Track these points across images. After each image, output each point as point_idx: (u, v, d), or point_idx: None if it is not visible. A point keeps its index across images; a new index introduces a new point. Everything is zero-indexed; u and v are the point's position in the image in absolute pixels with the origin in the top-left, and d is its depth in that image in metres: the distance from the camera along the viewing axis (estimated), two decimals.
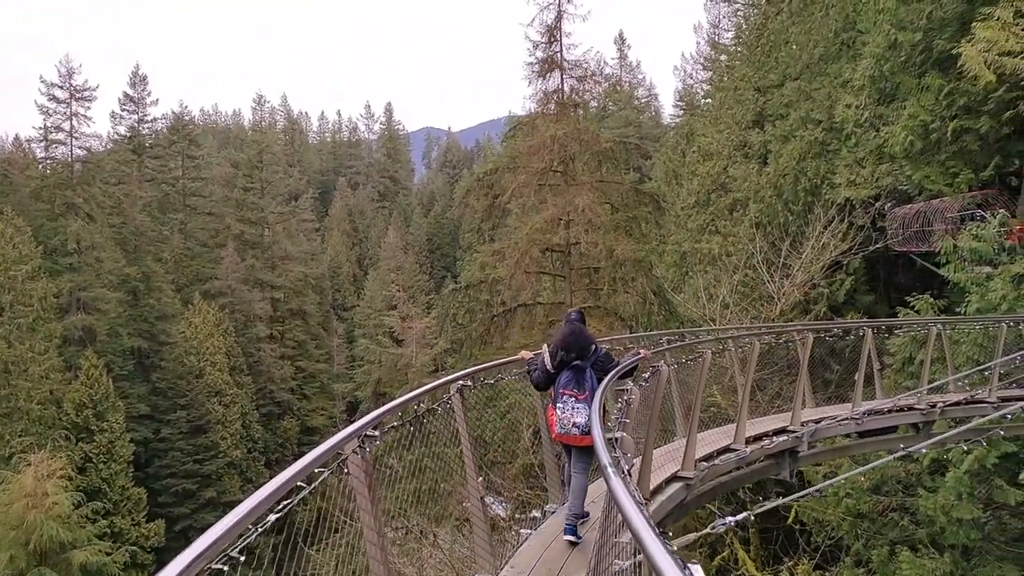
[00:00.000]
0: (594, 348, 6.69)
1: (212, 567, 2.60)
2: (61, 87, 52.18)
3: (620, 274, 22.01)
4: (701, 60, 62.85)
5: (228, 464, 50.09)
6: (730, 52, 48.35)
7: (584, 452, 6.43)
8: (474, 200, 25.40)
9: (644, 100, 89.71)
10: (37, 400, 36.98)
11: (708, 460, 7.70)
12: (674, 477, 7.21)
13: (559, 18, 23.45)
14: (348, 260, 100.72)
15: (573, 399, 6.43)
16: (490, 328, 23.28)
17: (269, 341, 64.61)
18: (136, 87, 69.48)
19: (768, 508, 7.93)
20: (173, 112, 77.12)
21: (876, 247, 24.63)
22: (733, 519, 3.96)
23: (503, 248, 23.42)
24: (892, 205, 25.07)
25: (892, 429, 11.06)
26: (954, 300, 19.57)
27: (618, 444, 3.76)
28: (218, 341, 53.57)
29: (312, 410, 67.28)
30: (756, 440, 8.67)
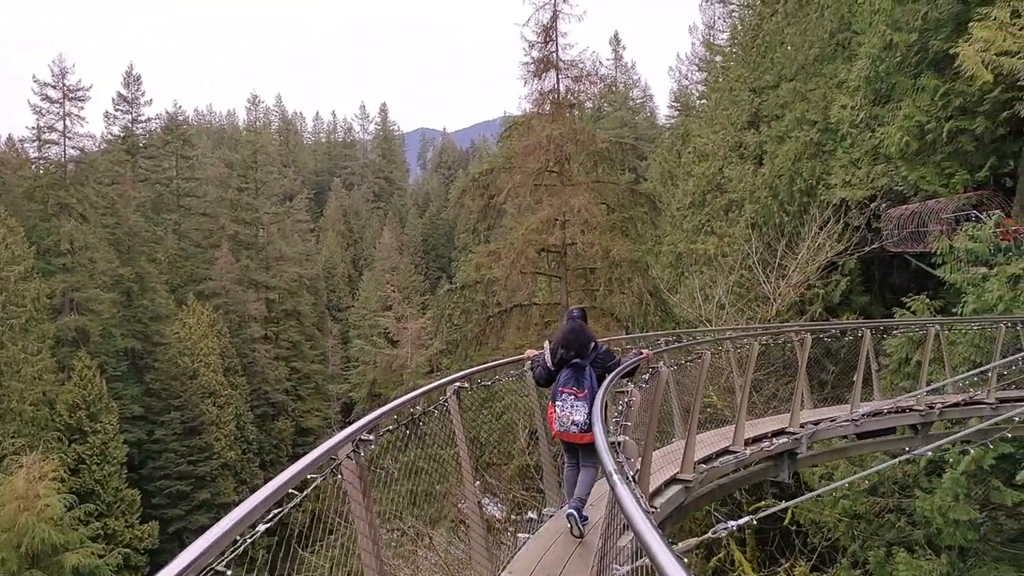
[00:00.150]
0: (594, 346, 6.72)
1: None
2: (54, 87, 51.96)
3: (616, 275, 21.95)
4: (696, 61, 62.90)
5: (222, 465, 49.89)
6: (725, 53, 48.36)
7: (588, 450, 6.44)
8: (469, 200, 25.31)
9: (639, 101, 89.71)
10: (30, 401, 36.77)
11: (707, 462, 7.63)
12: (673, 479, 7.15)
13: (555, 18, 23.39)
14: (343, 261, 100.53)
15: (572, 396, 6.47)
16: (486, 329, 23.20)
17: (264, 342, 64.38)
18: (130, 87, 69.19)
19: (767, 511, 7.85)
20: (167, 112, 76.88)
21: (872, 248, 24.63)
22: (735, 524, 3.89)
23: (499, 248, 23.33)
24: (887, 206, 25.07)
25: (890, 430, 11.02)
26: (950, 301, 19.55)
27: (621, 448, 3.68)
28: (212, 342, 53.36)
29: (307, 411, 67.10)
30: (755, 442, 8.60)
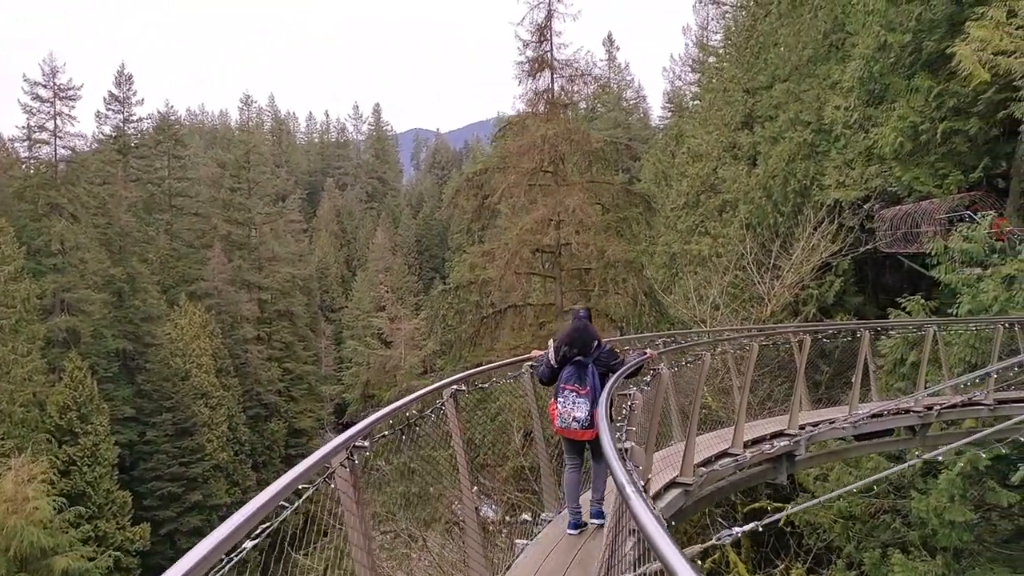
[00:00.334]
0: (597, 344, 6.86)
1: None
2: (45, 86, 51.49)
3: (611, 275, 21.88)
4: (690, 62, 62.92)
5: (214, 467, 49.60)
6: (719, 54, 48.41)
7: (596, 446, 6.56)
8: (463, 200, 25.21)
9: (633, 102, 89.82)
10: (20, 403, 36.43)
11: (706, 465, 7.55)
12: (673, 483, 7.06)
13: (549, 17, 23.32)
14: (336, 261, 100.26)
15: (574, 394, 6.62)
16: (480, 329, 23.10)
17: (256, 343, 64.06)
18: (121, 86, 68.77)
19: (765, 514, 7.79)
20: (159, 112, 76.46)
21: (866, 248, 24.65)
22: (739, 530, 3.80)
23: (493, 249, 23.23)
24: (881, 206, 25.10)
25: (888, 432, 10.97)
26: (944, 302, 19.56)
27: (629, 456, 3.59)
28: (204, 343, 53.07)
29: (300, 412, 66.78)
30: (754, 444, 8.54)
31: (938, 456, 8.85)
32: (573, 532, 6.66)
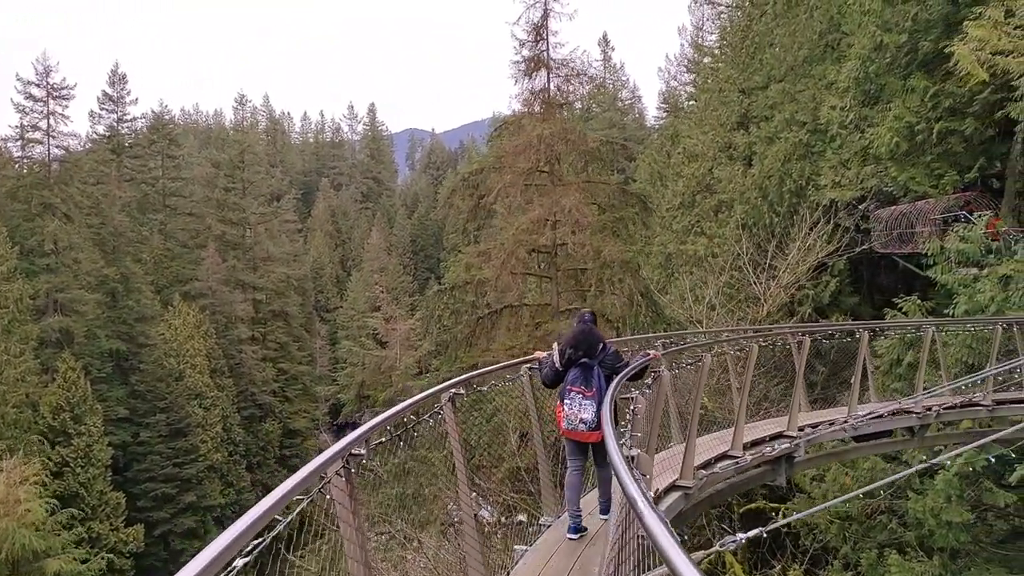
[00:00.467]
0: (602, 347, 6.91)
1: None
2: (38, 85, 51.26)
3: (607, 275, 21.81)
4: (685, 62, 62.95)
5: (209, 468, 49.42)
6: (714, 54, 48.42)
7: (601, 449, 6.59)
8: (459, 200, 25.12)
9: (628, 102, 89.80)
10: (12, 404, 36.21)
11: (706, 468, 7.48)
12: (673, 486, 6.98)
13: (546, 16, 23.25)
14: (331, 261, 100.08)
15: (580, 396, 6.67)
16: (475, 330, 23.01)
17: (251, 343, 63.86)
18: (115, 86, 68.45)
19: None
20: (153, 111, 76.32)
21: (862, 248, 24.65)
22: (744, 536, 3.74)
23: (489, 249, 23.14)
24: (876, 206, 25.11)
25: (887, 433, 10.93)
26: (940, 302, 19.55)
27: (635, 464, 3.51)
28: (198, 343, 52.89)
29: (294, 412, 66.60)
30: (753, 446, 8.48)
31: (946, 460, 8.80)
32: (573, 537, 6.59)
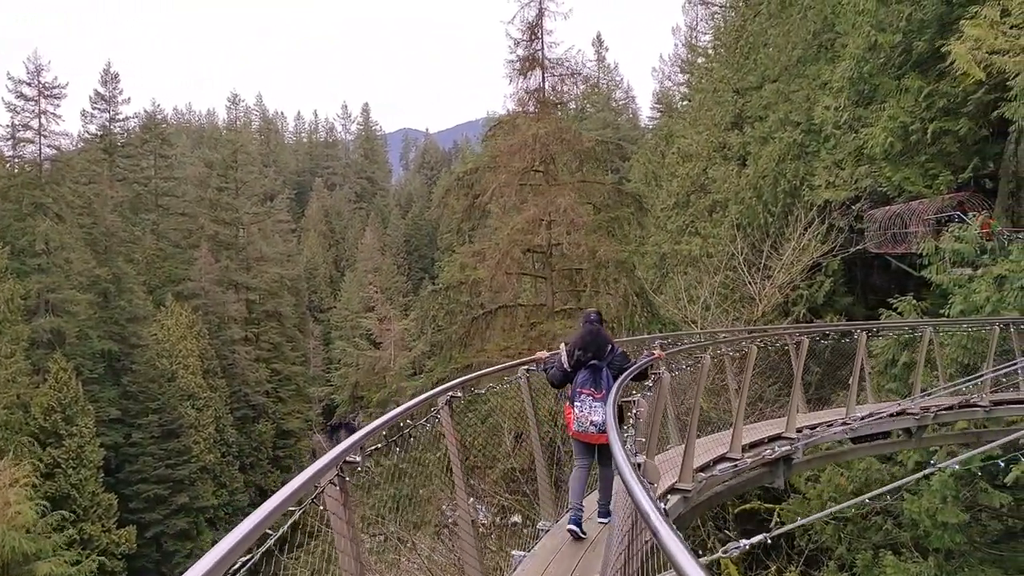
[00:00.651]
0: (611, 348, 6.92)
1: None
2: (29, 84, 50.96)
3: (602, 275, 21.75)
4: (679, 63, 63.01)
5: (201, 469, 49.20)
6: (708, 55, 48.43)
7: (606, 451, 6.56)
8: (454, 200, 25.03)
9: (622, 102, 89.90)
10: (3, 405, 35.94)
11: (705, 470, 7.43)
12: (672, 489, 6.92)
13: (540, 15, 23.17)
14: (324, 261, 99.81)
15: (591, 398, 6.67)
16: (470, 330, 22.90)
17: (244, 343, 63.60)
18: (107, 85, 68.11)
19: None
20: (145, 111, 75.84)
21: (856, 248, 24.67)
22: (748, 542, 3.67)
23: (483, 249, 23.04)
24: (870, 207, 25.13)
25: (884, 434, 10.90)
26: (934, 302, 19.56)
27: (642, 472, 3.44)
28: (191, 343, 52.63)
29: (288, 413, 66.37)
30: (752, 448, 8.42)
31: (954, 464, 8.77)
32: (573, 528, 6.60)
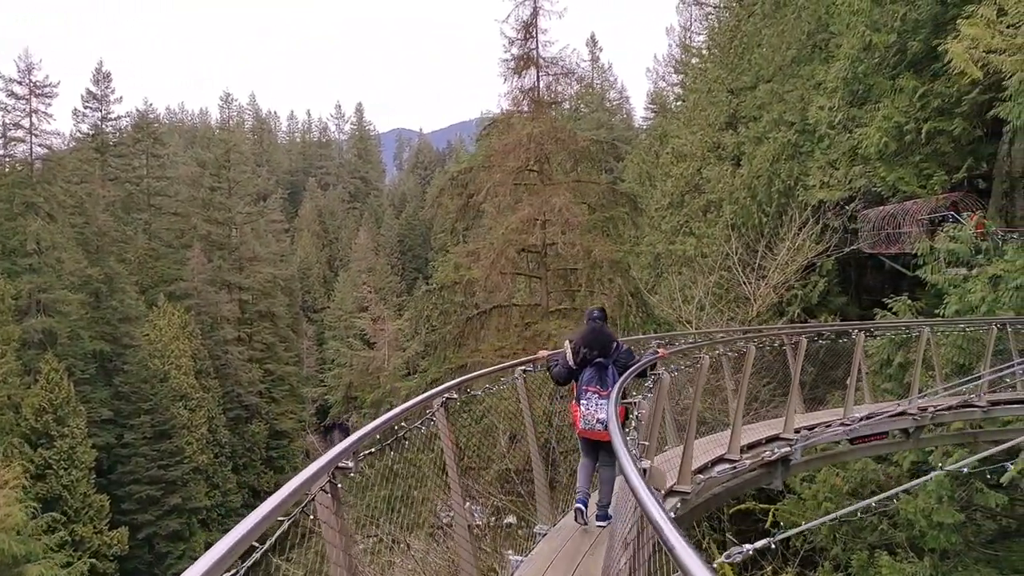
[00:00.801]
0: (616, 345, 6.93)
1: None
2: (20, 83, 50.56)
3: (597, 275, 21.68)
4: (673, 63, 63.03)
5: (194, 469, 48.96)
6: (702, 55, 48.46)
7: (609, 448, 6.58)
8: (448, 199, 24.93)
9: (616, 103, 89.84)
10: None
11: (703, 472, 7.36)
12: (670, 491, 6.86)
13: (535, 14, 23.09)
14: (318, 261, 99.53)
15: (596, 395, 6.70)
16: (464, 330, 22.80)
17: (237, 344, 63.32)
18: (99, 84, 67.74)
19: (787, 533, 7.65)
20: (137, 110, 75.53)
21: (851, 248, 24.69)
22: (750, 547, 3.60)
23: (478, 249, 22.94)
24: (864, 207, 25.15)
25: (881, 434, 10.85)
26: (928, 302, 19.57)
27: (648, 478, 3.35)
28: (184, 344, 52.38)
29: (281, 414, 66.14)
30: (750, 449, 8.37)
31: (963, 467, 8.73)
32: (580, 507, 6.76)
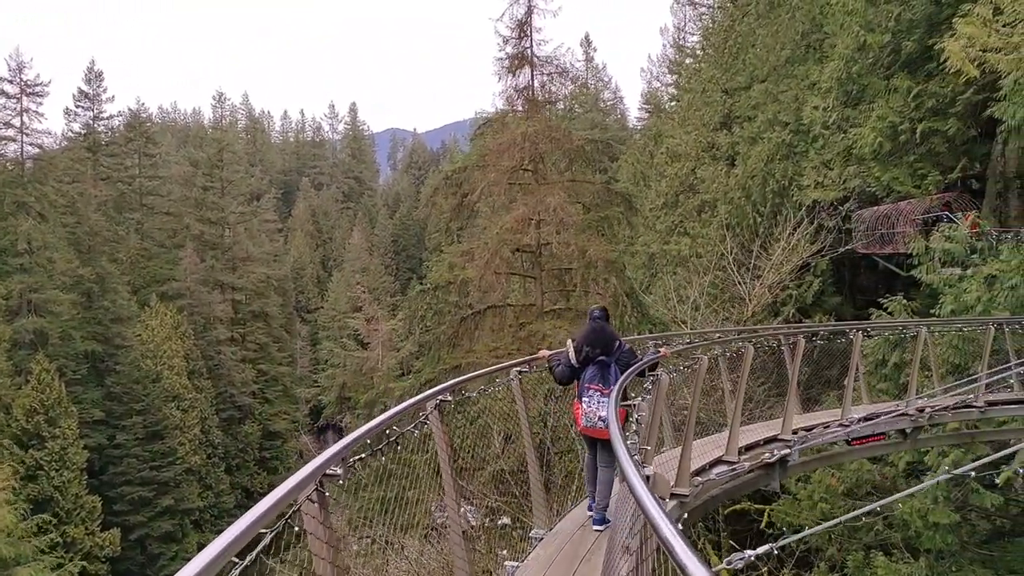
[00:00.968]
0: (618, 344, 7.01)
1: None
2: (11, 82, 50.24)
3: (592, 275, 21.59)
4: (667, 63, 63.04)
5: (187, 471, 48.73)
6: (696, 55, 48.48)
7: (607, 447, 6.65)
8: (442, 199, 24.80)
9: (610, 103, 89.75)
10: None
11: (701, 474, 7.29)
12: (669, 494, 6.79)
13: (529, 12, 22.99)
14: (312, 261, 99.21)
15: (599, 394, 6.77)
16: (459, 330, 22.68)
17: (230, 344, 63.07)
18: (91, 83, 67.30)
19: (790, 539, 7.57)
20: (130, 109, 75.09)
21: (846, 248, 24.70)
22: (752, 553, 3.53)
23: (472, 248, 22.82)
24: (858, 207, 25.17)
25: (879, 435, 10.80)
26: (922, 302, 19.56)
27: (651, 485, 3.26)
28: (176, 344, 52.13)
29: (274, 414, 65.89)
30: (748, 450, 8.31)
31: (973, 468, 8.68)
32: (591, 513, 6.87)
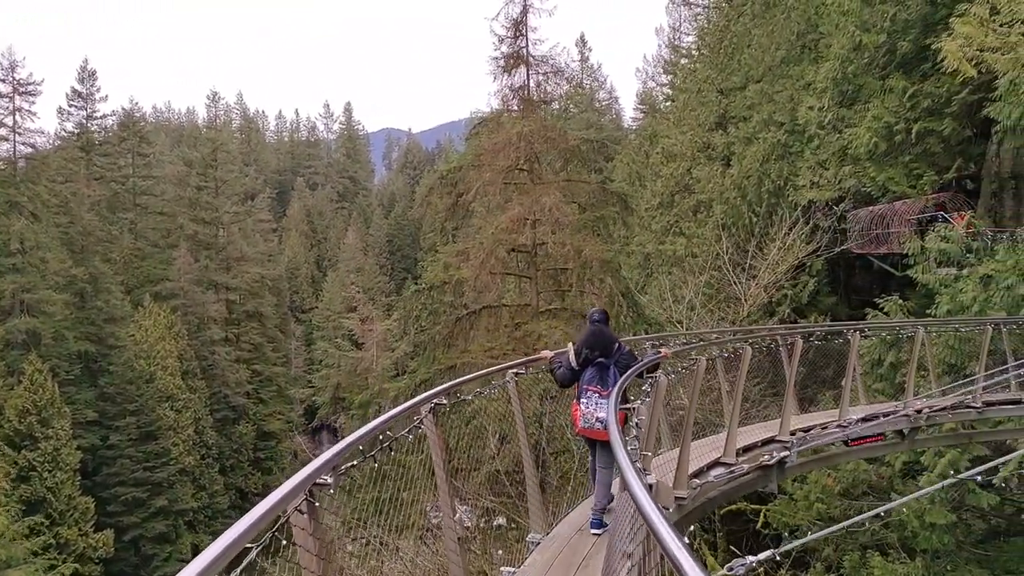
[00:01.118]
0: (618, 346, 7.06)
1: None
2: (3, 81, 49.95)
3: (587, 275, 21.54)
4: (662, 63, 63.04)
5: (180, 471, 48.53)
6: (692, 55, 48.48)
7: (606, 448, 6.69)
8: (437, 199, 24.71)
9: (605, 103, 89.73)
10: None
11: (699, 476, 7.24)
12: (673, 503, 6.73)
13: (525, 12, 22.92)
14: (306, 261, 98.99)
15: (597, 395, 6.82)
16: (454, 331, 22.60)
17: (224, 344, 62.83)
18: (85, 82, 67.01)
19: (793, 544, 7.54)
20: (123, 109, 74.76)
21: (841, 248, 24.70)
22: (754, 559, 3.47)
23: (467, 248, 22.74)
24: (853, 207, 25.17)
25: (877, 436, 10.76)
26: (917, 302, 19.57)
27: (654, 494, 3.19)
28: (170, 344, 51.91)
29: (269, 415, 65.70)
30: (745, 452, 8.26)
31: (975, 475, 8.65)
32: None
